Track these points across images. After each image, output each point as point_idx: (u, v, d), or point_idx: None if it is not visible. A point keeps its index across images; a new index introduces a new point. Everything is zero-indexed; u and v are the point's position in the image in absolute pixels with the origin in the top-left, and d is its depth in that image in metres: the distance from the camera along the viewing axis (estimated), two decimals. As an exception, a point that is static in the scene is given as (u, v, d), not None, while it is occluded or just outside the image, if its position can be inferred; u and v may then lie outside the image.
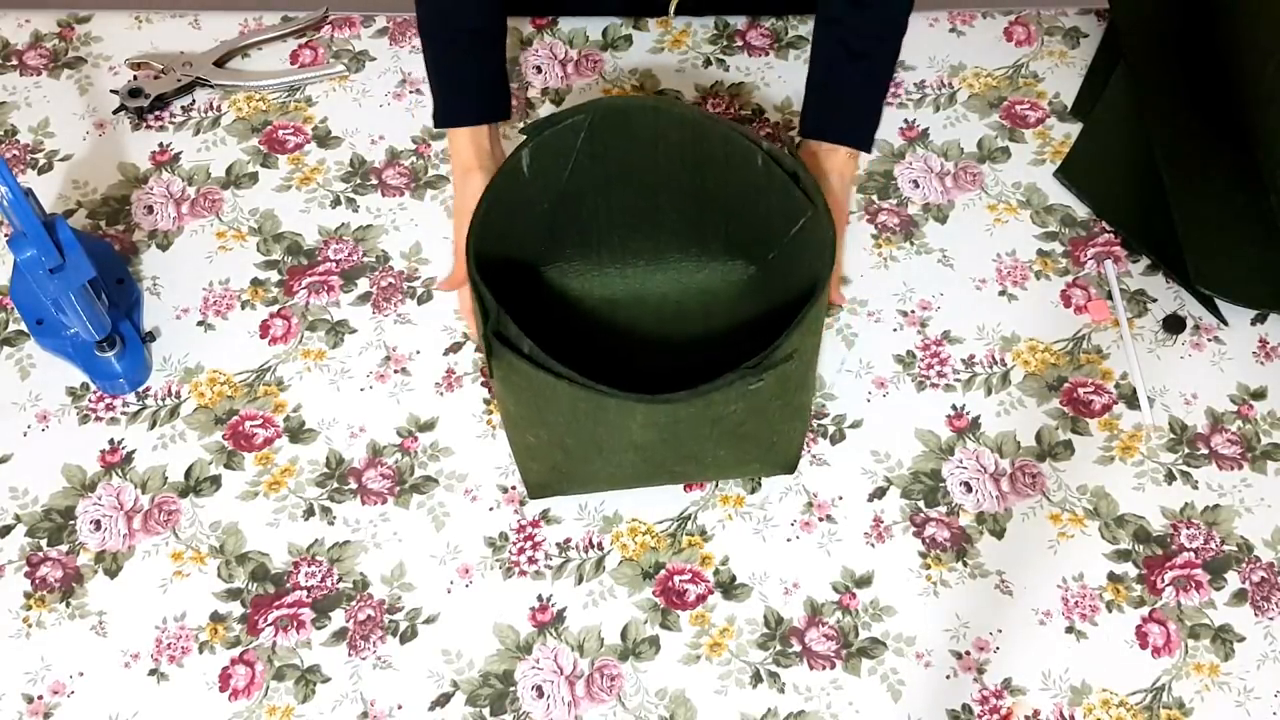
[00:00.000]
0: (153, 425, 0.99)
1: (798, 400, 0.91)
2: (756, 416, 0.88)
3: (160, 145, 1.14)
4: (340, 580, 0.93)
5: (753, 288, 1.01)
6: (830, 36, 1.04)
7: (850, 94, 1.05)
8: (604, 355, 0.98)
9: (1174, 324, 1.05)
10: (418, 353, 1.03)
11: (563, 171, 0.94)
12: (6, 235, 1.06)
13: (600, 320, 1.01)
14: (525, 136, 0.91)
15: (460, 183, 1.03)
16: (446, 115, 1.03)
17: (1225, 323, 1.06)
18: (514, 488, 0.97)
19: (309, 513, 0.95)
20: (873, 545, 0.95)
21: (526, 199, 0.94)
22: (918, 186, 1.13)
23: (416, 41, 1.21)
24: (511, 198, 0.92)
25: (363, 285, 1.06)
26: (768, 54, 1.21)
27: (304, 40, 1.21)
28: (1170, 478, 0.98)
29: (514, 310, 0.85)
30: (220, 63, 1.18)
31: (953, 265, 1.09)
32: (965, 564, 0.94)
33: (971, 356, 1.04)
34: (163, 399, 1.00)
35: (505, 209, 0.91)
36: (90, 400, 1.00)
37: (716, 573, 0.93)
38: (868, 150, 1.05)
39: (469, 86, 1.03)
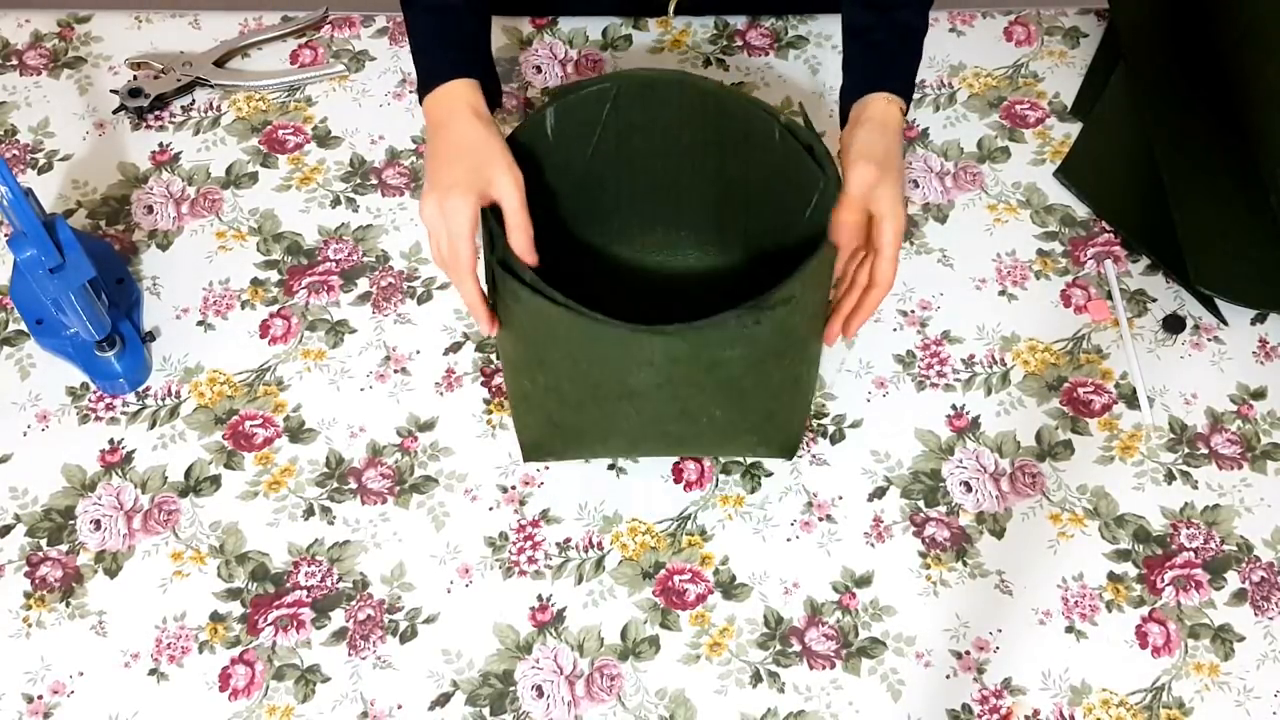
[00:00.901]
0: (152, 425, 0.99)
1: (798, 370, 0.89)
2: (755, 371, 0.85)
3: (160, 145, 1.14)
4: (340, 580, 0.93)
5: (767, 284, 1.01)
6: (858, 3, 1.00)
7: (881, 44, 0.98)
8: None
9: (1174, 324, 1.05)
10: (418, 352, 1.03)
11: (587, 147, 0.93)
12: (6, 235, 1.06)
13: (609, 297, 1.01)
14: (549, 100, 0.91)
15: (463, 125, 0.89)
16: (437, 72, 0.93)
17: (1225, 322, 1.06)
18: (514, 488, 0.97)
19: (309, 512, 0.95)
20: (873, 545, 0.95)
21: (550, 165, 0.93)
22: (917, 186, 1.13)
23: (416, 41, 1.21)
24: (534, 153, 0.91)
25: (363, 285, 1.06)
26: (768, 54, 1.21)
27: (304, 40, 1.21)
28: (1170, 477, 0.98)
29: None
30: (220, 63, 1.18)
31: (953, 265, 1.09)
32: (965, 564, 0.94)
33: (971, 356, 1.04)
34: (163, 399, 1.00)
35: (527, 162, 0.89)
36: (90, 400, 1.00)
37: (716, 573, 0.93)
38: (906, 97, 0.96)
39: (464, 44, 0.96)
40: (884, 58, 0.97)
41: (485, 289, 0.87)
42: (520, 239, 0.84)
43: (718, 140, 0.93)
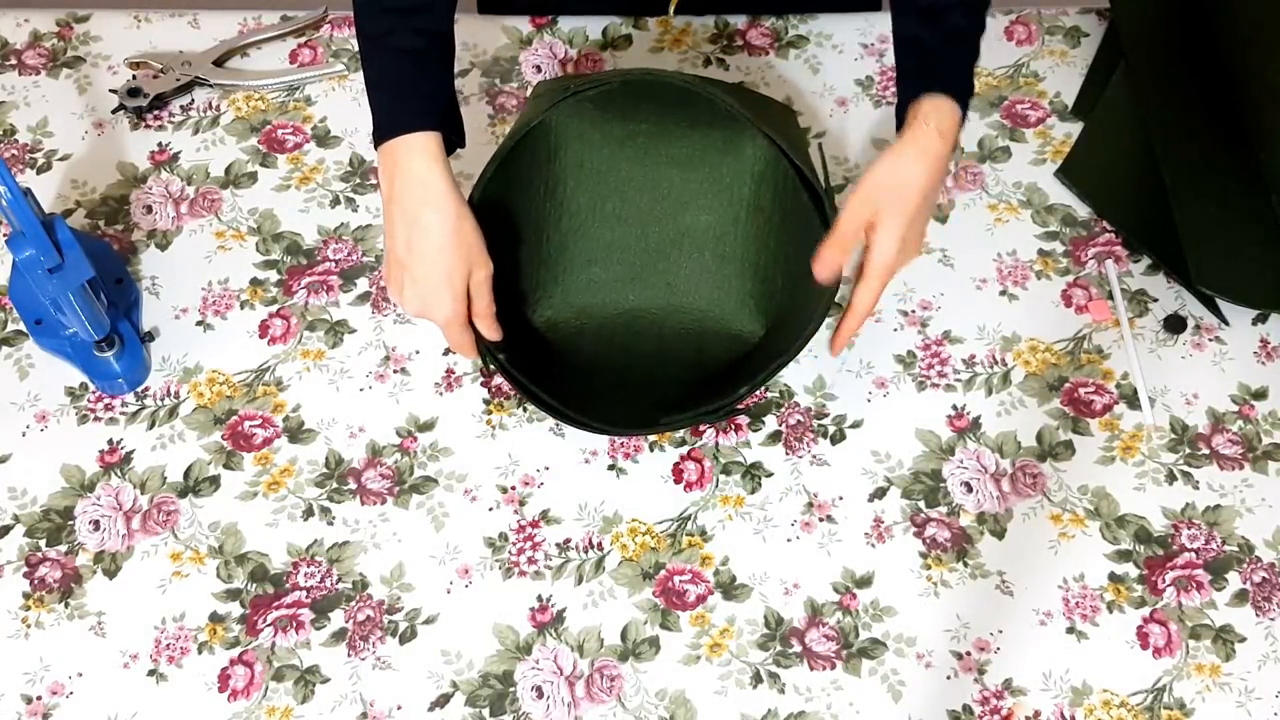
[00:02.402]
0: (152, 425, 0.99)
1: None
2: None
3: (159, 145, 1.14)
4: (339, 581, 0.92)
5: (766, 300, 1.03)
6: (906, 12, 0.94)
7: (927, 46, 0.93)
8: (600, 332, 1.03)
9: (1175, 324, 1.05)
10: (417, 353, 1.03)
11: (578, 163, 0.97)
12: (5, 235, 1.06)
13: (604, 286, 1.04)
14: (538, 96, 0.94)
15: (434, 204, 0.86)
16: (406, 121, 0.86)
17: (1226, 323, 1.06)
18: (513, 488, 0.96)
19: (308, 513, 0.95)
20: (873, 545, 0.95)
21: (563, 158, 0.98)
22: (918, 186, 1.13)
23: (416, 41, 1.21)
24: (526, 155, 0.96)
25: (362, 285, 1.06)
26: (768, 54, 1.21)
27: (303, 40, 1.21)
28: (1171, 478, 0.98)
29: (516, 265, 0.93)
30: (219, 62, 1.18)
31: (953, 265, 1.08)
32: (966, 564, 0.94)
33: (972, 356, 1.04)
34: (162, 399, 1.00)
35: (521, 162, 0.95)
36: (89, 400, 0.99)
37: (716, 573, 0.93)
38: (959, 96, 0.91)
39: (437, 92, 0.90)
40: (930, 60, 0.93)
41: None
42: (483, 324, 0.91)
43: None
